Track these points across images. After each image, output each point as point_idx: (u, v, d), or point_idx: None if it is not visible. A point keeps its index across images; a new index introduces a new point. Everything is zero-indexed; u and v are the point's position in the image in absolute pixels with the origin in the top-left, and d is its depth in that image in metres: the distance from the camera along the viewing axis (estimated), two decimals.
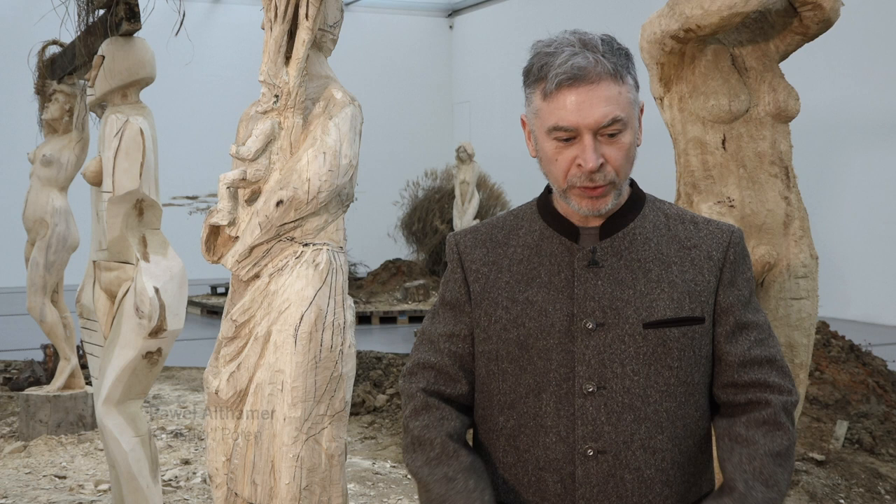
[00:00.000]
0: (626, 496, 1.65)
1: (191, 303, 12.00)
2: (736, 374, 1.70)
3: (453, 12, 19.63)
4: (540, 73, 1.64)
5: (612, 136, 1.63)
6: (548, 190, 1.78)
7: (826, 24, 2.89)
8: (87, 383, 6.29)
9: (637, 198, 1.76)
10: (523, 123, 1.73)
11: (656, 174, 3.55)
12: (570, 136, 1.63)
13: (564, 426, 1.66)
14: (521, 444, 1.69)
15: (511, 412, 1.70)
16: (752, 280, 1.75)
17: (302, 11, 2.43)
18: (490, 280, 1.76)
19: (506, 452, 1.71)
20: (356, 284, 13.29)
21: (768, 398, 1.69)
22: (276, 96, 2.43)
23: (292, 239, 2.45)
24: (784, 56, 2.99)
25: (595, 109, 1.61)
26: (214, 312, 12.26)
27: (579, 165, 1.63)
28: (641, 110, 1.73)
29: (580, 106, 1.61)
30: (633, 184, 1.78)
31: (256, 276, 2.47)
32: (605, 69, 1.62)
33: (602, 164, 1.63)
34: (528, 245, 1.76)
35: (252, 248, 2.44)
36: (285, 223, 2.42)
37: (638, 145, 1.72)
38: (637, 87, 1.68)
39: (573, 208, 1.69)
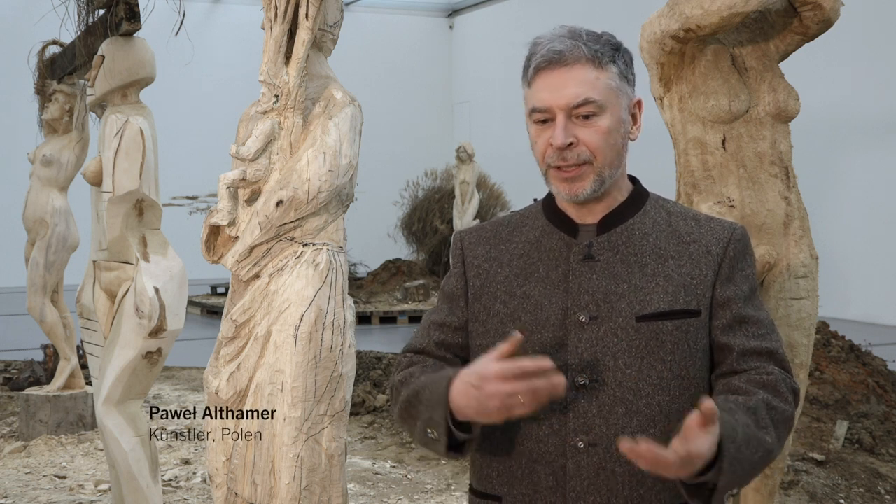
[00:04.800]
0: (616, 489, 1.65)
1: (191, 303, 11.98)
2: (735, 364, 1.69)
3: (453, 12, 19.63)
4: (527, 64, 1.71)
5: (586, 117, 1.66)
6: None
7: (826, 24, 2.88)
8: (87, 383, 6.29)
9: (639, 195, 1.77)
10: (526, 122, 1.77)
11: (656, 174, 3.55)
12: (545, 118, 1.68)
13: (557, 419, 1.66)
14: (515, 436, 1.70)
15: None
16: (752, 277, 1.74)
17: (302, 11, 2.43)
18: (490, 275, 1.78)
19: (500, 445, 1.72)
20: (356, 284, 13.29)
21: (770, 370, 1.67)
22: (276, 96, 2.43)
23: (292, 239, 2.45)
24: (784, 56, 2.99)
25: (567, 90, 1.65)
26: (214, 312, 12.26)
27: (552, 144, 1.66)
28: (639, 106, 1.74)
29: (553, 87, 1.66)
30: (636, 182, 1.79)
31: (256, 276, 2.47)
32: (582, 53, 1.66)
33: (572, 144, 1.65)
34: (528, 241, 1.78)
35: (252, 248, 2.44)
36: (285, 223, 2.42)
37: (632, 139, 1.73)
38: (626, 79, 1.70)
39: (554, 192, 1.73)
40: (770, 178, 2.91)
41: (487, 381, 1.54)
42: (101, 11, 3.83)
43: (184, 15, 3.62)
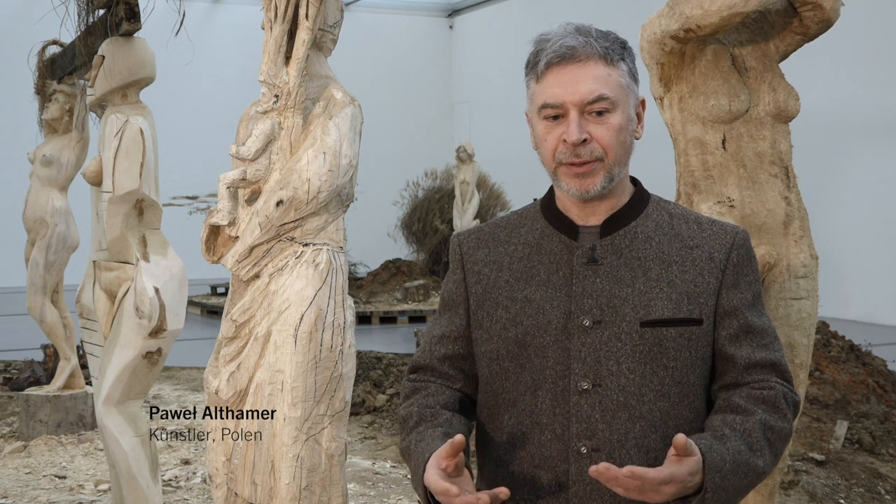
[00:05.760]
0: (619, 495, 1.64)
1: (191, 303, 11.99)
2: (739, 377, 1.70)
3: (453, 12, 19.63)
4: (535, 60, 1.70)
5: (599, 114, 1.65)
6: (551, 190, 1.79)
7: (826, 24, 2.88)
8: (87, 383, 6.29)
9: (641, 197, 1.76)
10: (528, 120, 1.75)
11: (656, 174, 3.55)
12: (557, 114, 1.66)
13: (559, 424, 1.66)
14: (518, 441, 1.69)
15: (512, 410, 1.71)
16: (756, 283, 1.73)
17: (302, 11, 2.42)
18: (491, 280, 1.77)
19: (505, 450, 1.71)
20: (356, 284, 13.29)
21: (772, 384, 1.68)
22: (276, 96, 2.43)
23: (292, 239, 2.45)
24: (784, 56, 2.99)
25: (581, 86, 1.64)
26: (214, 312, 12.25)
27: (565, 141, 1.65)
28: (643, 105, 1.74)
29: (566, 82, 1.65)
30: (637, 183, 1.79)
31: (256, 276, 2.47)
32: (595, 50, 1.65)
33: (586, 140, 1.64)
34: (528, 243, 1.77)
35: (252, 248, 2.44)
36: (285, 223, 2.42)
37: (637, 138, 1.73)
38: (634, 77, 1.70)
39: (563, 190, 1.71)
40: (770, 178, 2.91)
41: (441, 495, 1.57)
42: (101, 11, 3.83)
43: (184, 15, 3.62)
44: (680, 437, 1.49)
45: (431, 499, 1.62)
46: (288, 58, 2.45)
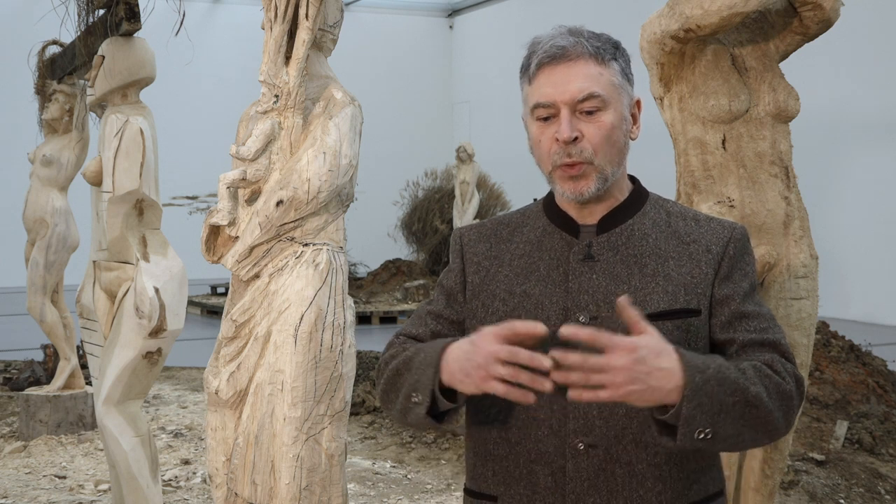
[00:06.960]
0: (616, 490, 1.64)
1: (191, 303, 12.00)
2: (734, 357, 1.66)
3: (453, 12, 19.63)
4: (527, 62, 1.70)
5: (590, 113, 1.65)
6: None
7: (826, 24, 2.88)
8: (87, 383, 6.29)
9: (639, 195, 1.77)
10: (525, 123, 1.75)
11: (656, 174, 3.55)
12: (549, 114, 1.67)
13: (556, 419, 1.65)
14: (513, 436, 1.69)
15: (504, 404, 1.69)
16: (751, 275, 1.73)
17: (302, 11, 2.43)
18: (490, 273, 1.77)
19: (497, 444, 1.71)
20: (356, 284, 13.30)
21: (769, 355, 1.64)
22: (276, 96, 2.43)
23: (292, 239, 2.45)
24: (784, 56, 2.99)
25: (571, 84, 1.64)
26: (214, 312, 12.26)
27: (557, 140, 1.65)
28: (638, 106, 1.74)
29: (557, 82, 1.65)
30: (636, 181, 1.79)
31: (256, 276, 2.47)
32: (585, 49, 1.66)
33: (577, 138, 1.64)
34: (530, 241, 1.77)
35: (252, 248, 2.44)
36: (285, 223, 2.42)
37: (632, 139, 1.73)
38: (627, 77, 1.70)
39: (559, 193, 1.72)
40: (770, 178, 2.91)
41: (483, 338, 1.53)
42: (101, 11, 3.83)
43: (184, 15, 3.62)
44: (621, 298, 1.50)
45: (439, 388, 1.59)
46: (288, 58, 2.45)
